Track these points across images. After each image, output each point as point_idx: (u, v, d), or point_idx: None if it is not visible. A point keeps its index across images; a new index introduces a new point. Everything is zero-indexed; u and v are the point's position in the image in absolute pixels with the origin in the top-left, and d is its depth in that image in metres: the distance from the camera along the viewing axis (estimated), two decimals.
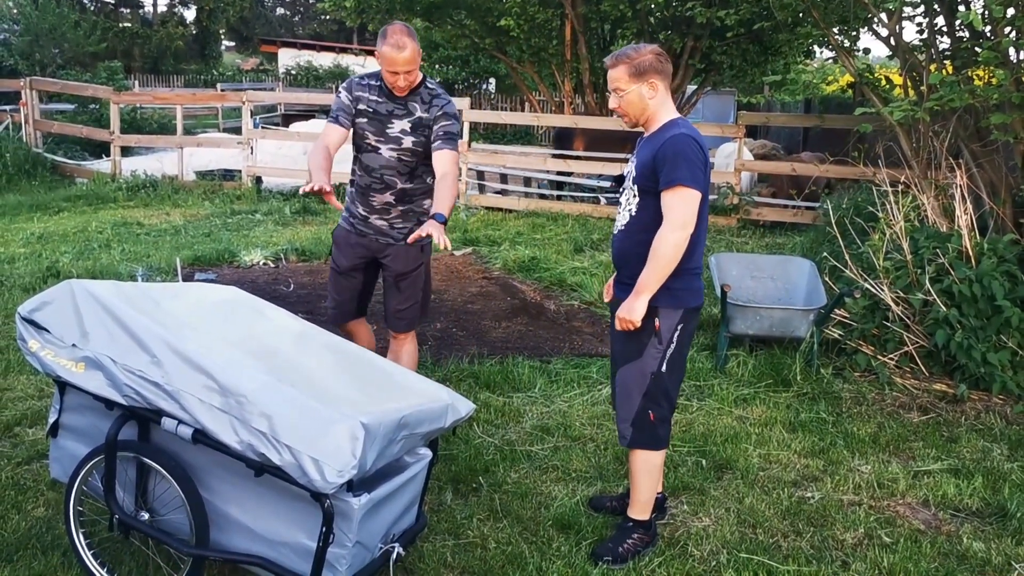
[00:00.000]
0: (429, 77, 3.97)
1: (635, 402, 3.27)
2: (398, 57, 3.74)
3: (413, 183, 4.02)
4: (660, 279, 3.10)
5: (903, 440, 4.47)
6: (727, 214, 10.35)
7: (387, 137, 3.94)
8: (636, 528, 3.39)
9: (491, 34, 15.42)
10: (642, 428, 3.29)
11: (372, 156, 3.98)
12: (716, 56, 14.11)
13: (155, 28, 36.69)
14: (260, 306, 3.39)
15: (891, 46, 6.99)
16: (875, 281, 5.41)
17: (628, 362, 3.27)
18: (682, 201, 3.07)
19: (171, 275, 7.25)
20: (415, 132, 3.93)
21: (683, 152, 3.08)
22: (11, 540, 3.23)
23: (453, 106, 3.99)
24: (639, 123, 3.29)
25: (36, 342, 2.84)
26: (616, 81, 3.21)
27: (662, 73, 3.21)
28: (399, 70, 3.78)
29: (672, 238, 3.06)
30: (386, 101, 3.94)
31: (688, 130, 3.15)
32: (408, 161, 3.96)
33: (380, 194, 4.01)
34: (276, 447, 2.51)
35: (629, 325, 3.14)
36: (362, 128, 3.98)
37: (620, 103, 3.24)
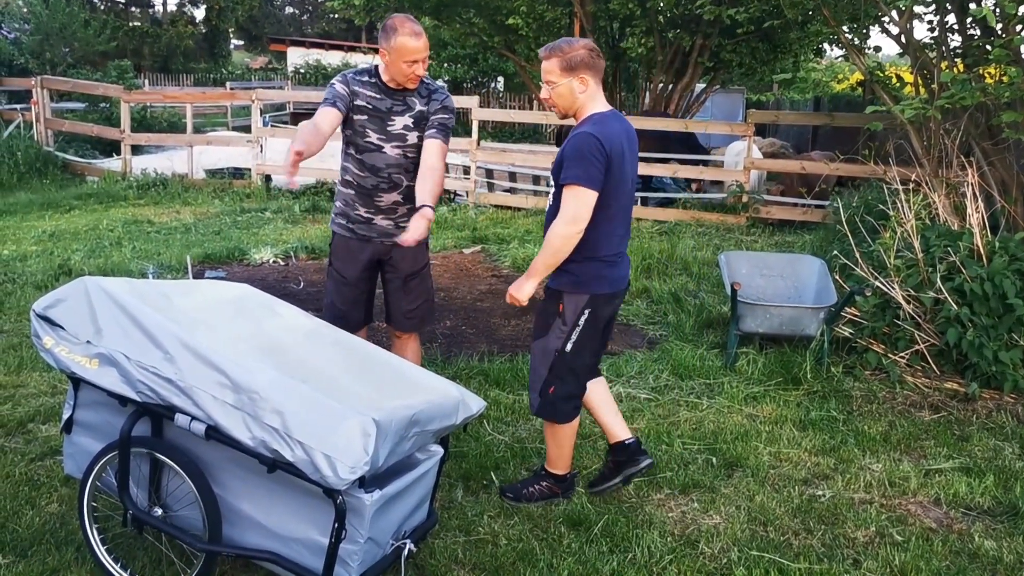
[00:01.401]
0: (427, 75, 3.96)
1: (541, 375, 3.50)
2: (418, 44, 3.66)
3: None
4: (548, 266, 3.34)
5: (914, 439, 4.46)
6: (736, 212, 10.33)
7: (390, 135, 3.85)
8: (547, 477, 3.70)
9: (500, 32, 15.44)
10: (545, 399, 3.51)
11: (376, 155, 3.86)
12: (725, 54, 14.10)
13: (165, 27, 36.79)
14: (271, 303, 3.40)
15: (902, 44, 6.97)
16: (886, 279, 5.40)
17: (538, 338, 3.50)
18: (573, 197, 3.24)
19: (181, 273, 7.28)
20: (418, 127, 3.86)
21: (581, 150, 3.23)
22: (25, 535, 3.25)
23: (451, 100, 3.95)
24: (568, 115, 3.44)
25: (51, 338, 2.86)
26: (548, 73, 3.35)
27: (593, 68, 3.33)
28: (419, 58, 3.69)
29: (560, 230, 3.26)
30: (384, 97, 3.84)
31: (594, 127, 3.27)
32: (413, 158, 3.89)
33: (388, 194, 3.91)
34: (288, 443, 2.52)
35: (515, 302, 3.40)
36: (362, 126, 3.85)
37: (551, 95, 3.37)
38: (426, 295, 4.11)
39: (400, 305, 4.08)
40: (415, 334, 4.20)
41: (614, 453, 3.76)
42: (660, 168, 11.01)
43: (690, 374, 5.24)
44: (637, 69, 18.70)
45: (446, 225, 9.91)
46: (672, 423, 4.54)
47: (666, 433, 4.39)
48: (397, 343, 4.19)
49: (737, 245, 9.15)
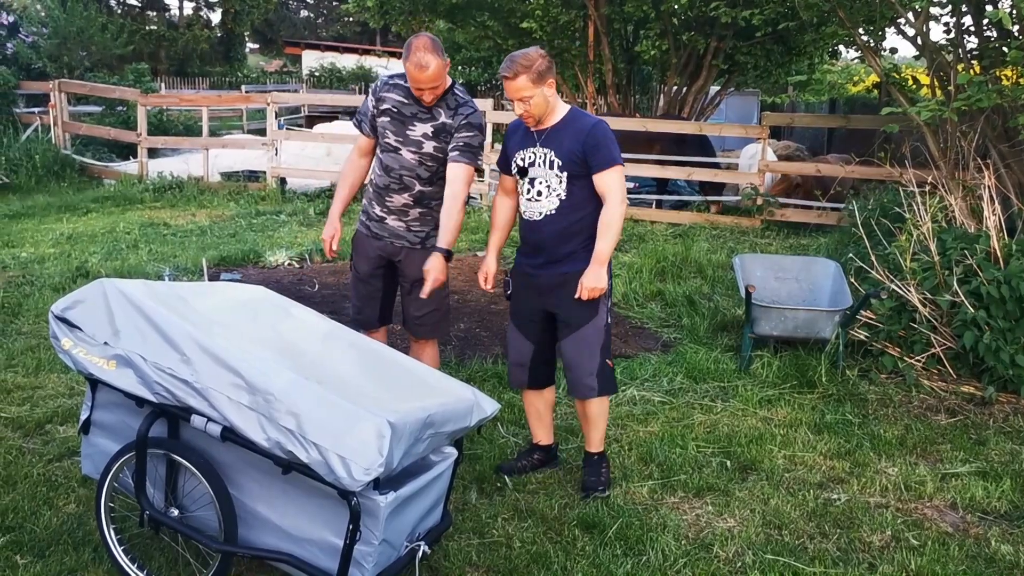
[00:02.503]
0: (457, 83, 3.96)
1: (596, 357, 3.70)
2: (421, 76, 3.70)
3: (433, 186, 3.96)
4: (612, 249, 3.60)
5: (930, 442, 4.43)
6: (751, 215, 10.30)
7: (407, 139, 3.89)
8: (603, 459, 3.90)
9: (514, 35, 15.43)
10: (604, 376, 3.73)
11: (392, 156, 3.93)
12: (740, 56, 14.05)
13: (181, 31, 36.99)
14: (287, 305, 3.42)
15: (918, 46, 6.94)
16: (902, 282, 5.37)
17: (587, 322, 3.67)
18: (619, 177, 3.59)
19: (197, 275, 7.32)
20: (437, 137, 3.87)
21: (608, 136, 3.60)
22: (43, 536, 3.28)
23: (479, 116, 3.91)
24: (542, 120, 3.65)
25: (69, 340, 2.89)
26: (521, 90, 3.53)
27: (552, 72, 3.59)
28: (423, 87, 3.75)
29: (621, 210, 3.57)
30: (411, 103, 3.88)
31: (598, 117, 3.69)
32: (429, 166, 3.91)
33: (398, 195, 3.95)
34: (304, 445, 2.53)
35: (599, 293, 3.56)
36: (383, 127, 3.94)
37: (528, 108, 3.57)
38: (436, 304, 4.02)
39: (409, 310, 4.10)
40: (430, 340, 4.18)
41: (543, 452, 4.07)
42: (675, 171, 10.99)
43: (704, 377, 5.23)
44: (651, 72, 18.68)
45: (461, 228, 9.90)
46: (686, 426, 4.53)
47: (680, 436, 4.38)
48: (414, 347, 4.20)
49: (751, 248, 9.12)
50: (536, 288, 3.77)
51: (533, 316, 3.82)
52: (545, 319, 3.81)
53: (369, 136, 4.03)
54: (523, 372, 3.89)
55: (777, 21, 11.45)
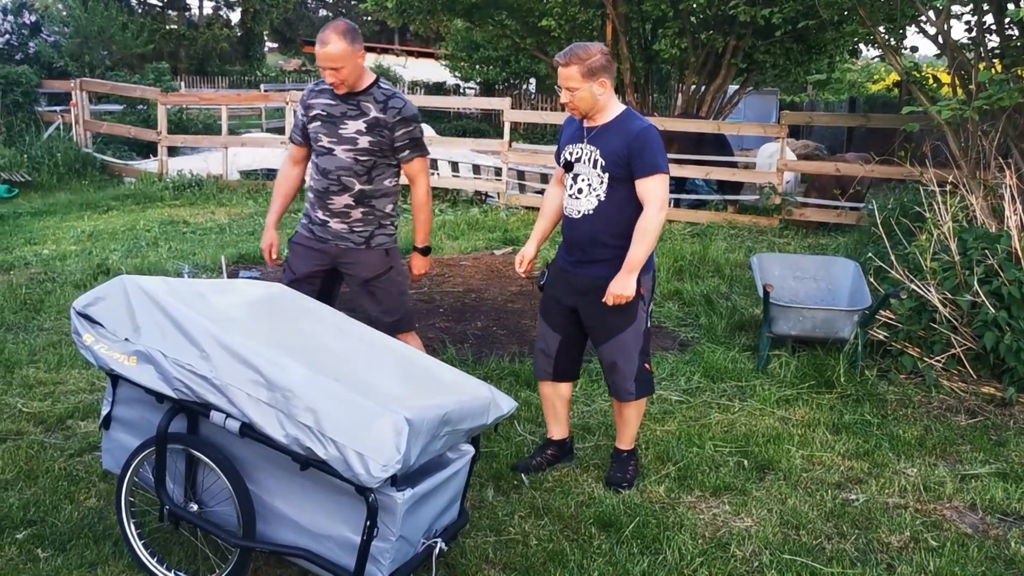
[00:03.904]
0: (383, 79, 3.98)
1: (635, 361, 3.71)
2: (320, 52, 3.72)
3: (372, 184, 3.95)
4: (646, 256, 3.53)
5: (950, 443, 4.40)
6: (769, 215, 10.25)
7: (340, 138, 3.88)
8: (632, 456, 3.95)
9: (532, 34, 15.45)
10: (642, 380, 3.76)
11: (327, 158, 3.93)
12: (759, 55, 13.99)
13: (201, 30, 37.18)
14: (305, 302, 3.44)
15: (939, 44, 6.89)
16: (922, 282, 5.34)
17: (626, 328, 3.65)
18: (662, 185, 3.52)
19: (216, 272, 7.37)
20: (371, 132, 3.87)
21: (656, 141, 3.53)
22: (64, 530, 3.31)
23: (412, 107, 3.93)
24: (587, 116, 3.64)
25: (90, 336, 2.91)
26: (569, 80, 3.52)
27: (610, 71, 3.56)
28: (323, 65, 3.74)
29: (660, 218, 3.51)
30: (339, 103, 3.89)
31: (647, 120, 3.61)
32: (364, 162, 3.90)
33: (338, 196, 3.94)
34: (322, 441, 2.55)
35: (623, 300, 3.51)
36: (315, 132, 3.95)
37: (572, 99, 3.56)
38: (393, 301, 4.05)
39: (368, 310, 4.06)
40: (411, 335, 4.17)
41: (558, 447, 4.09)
42: (693, 170, 10.96)
43: (722, 376, 5.21)
44: (669, 71, 18.63)
45: (477, 226, 9.93)
46: (704, 425, 4.52)
47: (697, 435, 4.37)
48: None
49: (770, 247, 9.08)
50: (570, 285, 3.75)
51: (563, 310, 3.81)
52: (574, 315, 3.79)
53: (300, 145, 4.07)
54: (548, 362, 3.90)
55: (796, 19, 11.39)
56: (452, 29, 22.47)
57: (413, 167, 3.99)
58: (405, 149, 3.93)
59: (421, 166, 4.01)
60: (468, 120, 24.82)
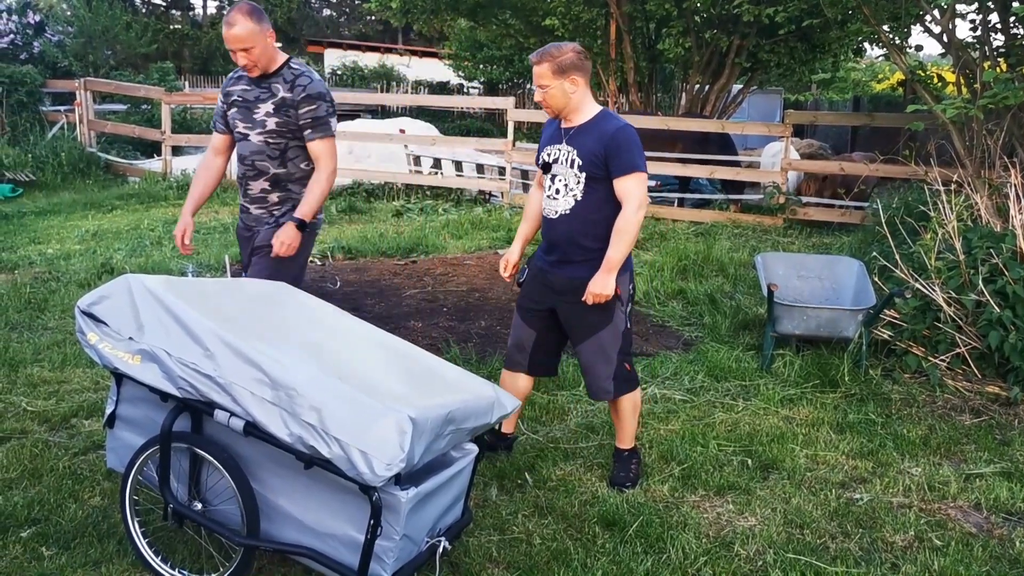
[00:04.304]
0: (295, 58, 3.96)
1: (613, 361, 3.71)
2: (228, 34, 3.71)
3: (286, 168, 3.94)
4: (625, 255, 3.55)
5: (954, 443, 4.39)
6: (773, 214, 10.24)
7: (254, 122, 3.89)
8: (633, 455, 3.93)
9: (536, 33, 15.44)
10: (622, 379, 3.75)
11: (243, 144, 3.95)
12: (763, 54, 13.99)
13: (205, 29, 37.21)
14: (309, 301, 3.44)
15: (944, 43, 6.88)
16: (926, 281, 5.33)
17: (603, 327, 3.66)
18: (640, 184, 3.54)
19: (220, 272, 7.37)
20: (278, 112, 3.84)
21: (632, 140, 3.56)
22: (68, 528, 3.32)
23: (318, 85, 3.87)
24: (561, 115, 3.67)
25: (95, 335, 2.91)
26: (541, 77, 3.57)
27: (582, 70, 3.59)
28: (233, 48, 3.73)
29: (638, 217, 3.53)
30: (253, 87, 3.89)
31: (624, 121, 3.63)
32: (275, 143, 3.88)
33: (255, 181, 3.95)
34: (325, 440, 2.55)
35: (603, 299, 3.54)
36: (233, 119, 3.96)
37: (544, 96, 3.59)
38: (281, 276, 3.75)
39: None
40: None
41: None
42: (696, 169, 10.95)
43: (726, 376, 5.21)
44: (673, 70, 18.62)
45: (481, 226, 9.93)
46: (707, 424, 4.52)
47: (701, 435, 4.37)
48: None
49: (774, 247, 9.07)
50: (549, 285, 3.76)
51: (539, 308, 3.83)
52: (551, 314, 3.81)
53: (223, 133, 4.06)
54: (523, 357, 3.91)
55: (801, 19, 11.39)
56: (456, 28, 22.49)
57: (315, 148, 3.91)
58: (308, 128, 3.87)
59: (324, 148, 3.92)
60: (472, 120, 24.82)
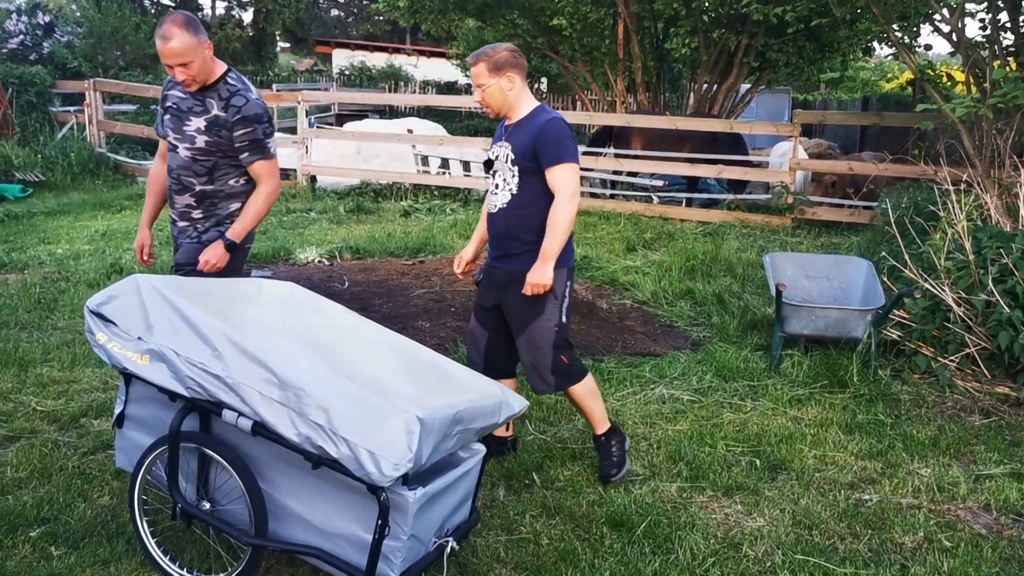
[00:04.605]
0: (233, 71, 3.79)
1: (548, 354, 3.72)
2: (164, 49, 3.53)
3: (214, 185, 3.79)
4: (560, 245, 3.58)
5: (964, 443, 4.38)
6: (781, 214, 10.22)
7: (183, 135, 3.72)
8: (610, 436, 3.93)
9: (543, 33, 15.43)
10: (561, 372, 3.75)
11: (172, 156, 3.79)
12: (771, 54, 13.95)
13: (213, 30, 37.28)
14: (316, 301, 3.44)
15: (953, 42, 6.85)
16: (936, 281, 5.31)
17: (535, 320, 3.69)
18: (570, 175, 3.57)
19: None
20: (209, 131, 3.69)
21: (562, 132, 3.58)
22: (78, 527, 3.33)
23: (254, 106, 3.72)
24: (501, 113, 3.73)
25: (104, 335, 2.92)
26: (478, 77, 3.65)
27: (518, 67, 3.66)
28: (171, 63, 3.56)
29: (570, 207, 3.56)
30: (188, 97, 3.72)
31: (557, 114, 3.68)
32: (203, 161, 3.73)
33: (180, 196, 3.81)
34: (333, 440, 2.55)
35: (540, 290, 3.57)
36: (167, 126, 3.80)
37: (483, 96, 3.67)
38: None
39: None
40: None
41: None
42: (705, 169, 10.94)
43: (734, 376, 5.20)
44: (681, 70, 18.58)
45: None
46: (715, 425, 4.51)
47: (709, 435, 4.36)
48: None
49: (782, 247, 9.05)
50: (494, 280, 3.83)
51: (488, 306, 3.87)
52: (499, 312, 3.85)
53: (163, 137, 3.89)
54: (478, 356, 3.94)
55: (810, 18, 11.35)
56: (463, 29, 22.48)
57: (255, 170, 3.80)
58: (245, 151, 3.74)
59: (264, 169, 3.80)
60: (480, 119, 24.82)
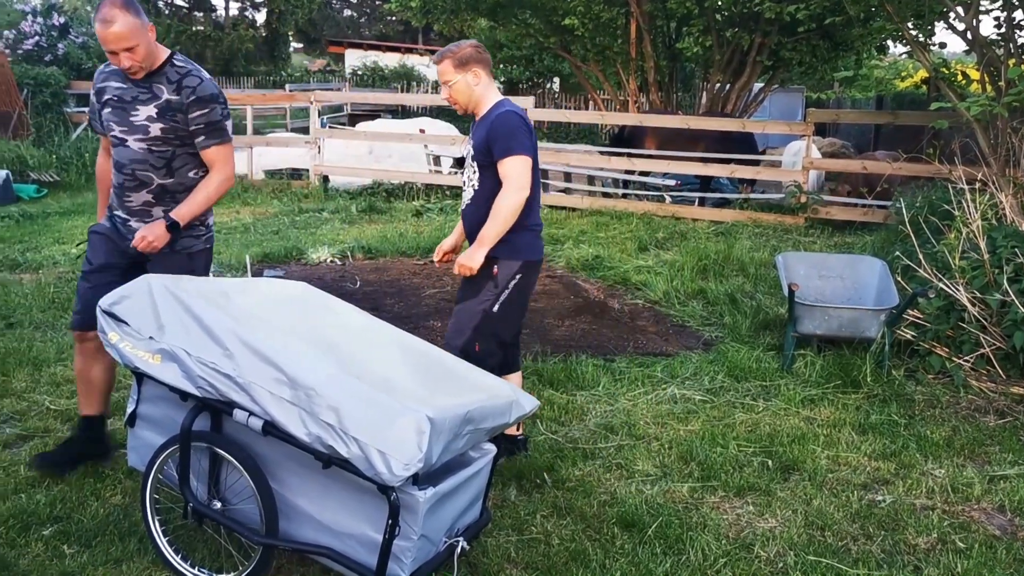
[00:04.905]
0: (179, 54, 3.56)
1: (466, 334, 3.75)
2: (106, 34, 3.29)
3: (174, 178, 3.56)
4: (498, 234, 3.60)
5: (978, 444, 4.34)
6: (794, 213, 10.17)
7: (132, 127, 3.47)
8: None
9: (556, 33, 15.43)
10: (472, 357, 3.66)
11: (121, 150, 3.52)
12: (785, 52, 13.90)
13: (227, 31, 37.48)
14: (328, 301, 3.45)
15: (968, 40, 6.81)
16: (950, 281, 5.27)
17: (467, 300, 3.76)
18: (518, 166, 3.58)
19: (241, 271, 7.41)
20: (163, 118, 3.46)
21: (512, 125, 3.59)
22: (90, 526, 3.34)
23: (209, 85, 3.50)
24: (469, 110, 3.76)
25: (116, 334, 2.93)
26: (444, 74, 3.68)
27: (482, 62, 3.69)
28: (115, 48, 3.31)
29: (513, 198, 3.58)
30: (131, 86, 3.47)
31: (512, 107, 3.67)
32: (160, 152, 3.50)
33: (135, 193, 3.54)
34: (344, 439, 2.55)
35: (466, 271, 3.65)
36: (107, 120, 3.53)
37: (450, 92, 3.70)
38: None
39: None
40: None
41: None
42: (717, 168, 10.91)
43: (746, 376, 5.17)
44: (694, 69, 18.54)
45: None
46: (727, 425, 4.49)
47: (721, 435, 4.35)
48: None
49: (795, 246, 9.01)
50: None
51: None
52: None
53: (103, 133, 3.65)
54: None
55: (823, 16, 11.30)
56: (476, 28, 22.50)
57: (210, 154, 3.56)
58: (200, 134, 3.51)
59: (220, 154, 3.58)
60: None
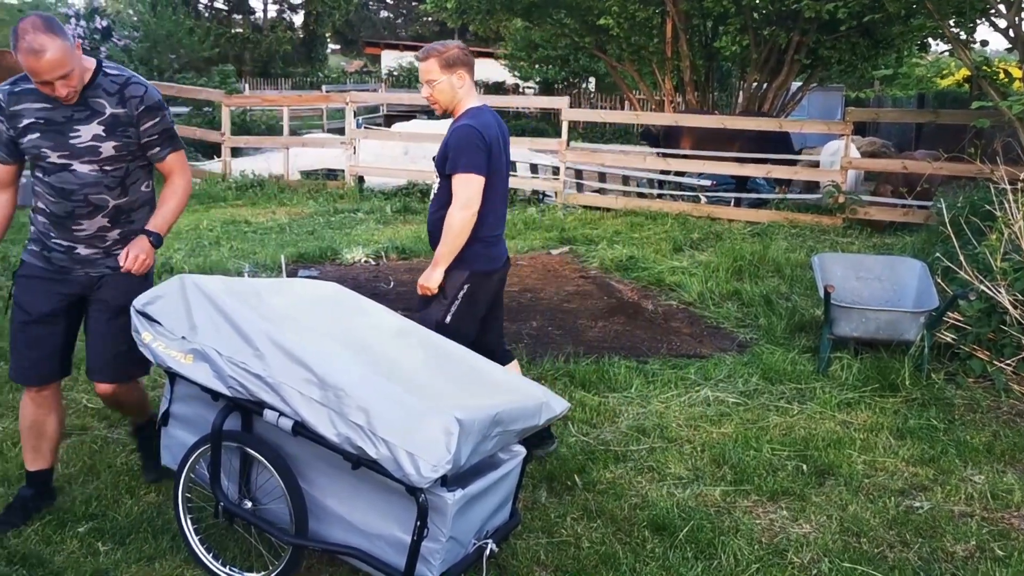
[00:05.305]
0: (102, 59, 3.26)
1: None
2: (39, 65, 2.92)
3: (128, 196, 3.30)
4: (451, 252, 3.60)
5: (1019, 450, 4.25)
6: (832, 214, 10.04)
7: (75, 150, 3.14)
8: None
9: (591, 33, 15.38)
10: None
11: (65, 176, 3.16)
12: (823, 51, 13.73)
13: (265, 33, 37.88)
14: (360, 302, 3.45)
15: (1010, 38, 6.68)
16: (991, 283, 5.16)
17: (422, 311, 3.74)
18: (465, 185, 3.55)
19: (276, 271, 7.47)
20: (113, 135, 3.17)
21: (464, 141, 3.54)
22: (124, 524, 3.38)
23: (153, 91, 3.25)
24: (448, 111, 3.70)
25: (149, 334, 2.96)
26: (428, 73, 3.63)
27: (468, 65, 3.66)
28: (50, 78, 2.96)
29: (458, 216, 3.56)
30: (58, 106, 3.11)
31: (473, 120, 3.59)
32: (114, 172, 3.22)
33: (89, 219, 3.23)
34: (373, 440, 2.55)
35: (426, 292, 3.67)
36: (35, 147, 3.14)
37: (432, 92, 3.65)
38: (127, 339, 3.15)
39: (103, 349, 3.33)
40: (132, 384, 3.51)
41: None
42: (753, 169, 10.80)
43: (781, 379, 5.11)
44: (730, 68, 18.39)
45: (535, 226, 9.92)
46: (761, 428, 4.44)
47: (755, 438, 4.29)
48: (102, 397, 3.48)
49: (832, 247, 8.90)
50: None
51: None
52: None
53: (7, 163, 3.23)
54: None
55: (862, 14, 11.15)
56: (511, 29, 22.52)
57: (168, 164, 3.35)
58: (155, 145, 3.29)
59: (178, 161, 3.38)
60: (527, 119, 24.85)
